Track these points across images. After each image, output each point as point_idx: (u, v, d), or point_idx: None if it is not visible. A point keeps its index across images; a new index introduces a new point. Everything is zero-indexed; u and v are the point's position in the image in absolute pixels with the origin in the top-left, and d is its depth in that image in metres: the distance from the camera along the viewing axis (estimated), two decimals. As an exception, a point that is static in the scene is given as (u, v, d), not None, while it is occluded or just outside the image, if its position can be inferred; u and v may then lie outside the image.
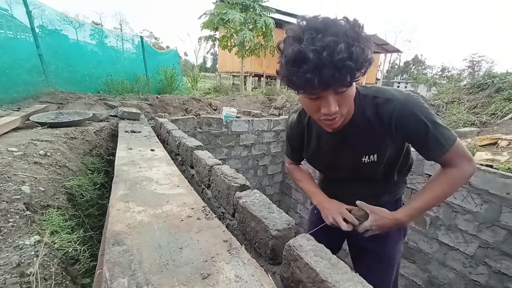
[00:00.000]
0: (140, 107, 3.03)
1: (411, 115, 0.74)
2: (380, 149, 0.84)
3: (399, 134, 0.78)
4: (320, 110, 0.69)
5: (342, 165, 0.94)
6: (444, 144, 0.74)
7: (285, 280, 0.65)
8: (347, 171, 0.95)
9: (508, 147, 2.49)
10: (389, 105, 0.76)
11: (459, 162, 0.77)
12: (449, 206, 2.01)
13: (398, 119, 0.75)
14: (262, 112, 4.21)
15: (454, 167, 0.78)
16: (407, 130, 0.76)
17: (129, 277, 0.49)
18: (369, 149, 0.85)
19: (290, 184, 3.80)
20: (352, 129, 0.84)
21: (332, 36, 0.56)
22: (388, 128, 0.78)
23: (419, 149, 0.80)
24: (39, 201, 0.93)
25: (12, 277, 0.58)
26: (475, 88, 4.40)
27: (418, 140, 0.77)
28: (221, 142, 3.10)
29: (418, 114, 0.74)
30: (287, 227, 0.75)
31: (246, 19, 7.42)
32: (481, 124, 3.45)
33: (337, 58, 0.56)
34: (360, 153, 0.87)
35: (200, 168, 1.39)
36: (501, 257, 1.77)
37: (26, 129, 1.71)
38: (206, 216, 0.75)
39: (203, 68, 28.82)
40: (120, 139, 1.60)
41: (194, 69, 8.13)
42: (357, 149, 0.87)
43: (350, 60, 0.57)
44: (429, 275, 2.20)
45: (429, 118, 0.74)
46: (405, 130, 0.77)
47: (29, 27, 3.26)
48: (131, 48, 5.48)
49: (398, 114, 0.75)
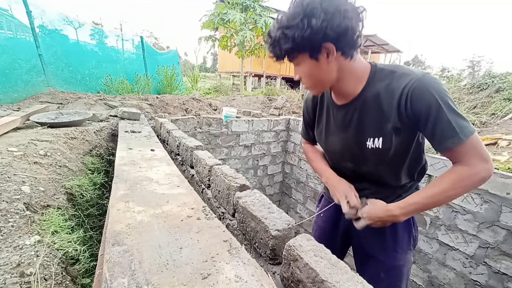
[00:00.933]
0: (140, 107, 3.03)
1: (425, 92, 0.67)
2: (385, 130, 0.77)
3: (409, 113, 0.71)
4: None
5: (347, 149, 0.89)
6: (459, 133, 0.65)
7: (285, 280, 0.65)
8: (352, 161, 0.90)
9: (508, 147, 2.49)
10: (404, 78, 0.71)
11: (473, 161, 0.67)
12: (449, 206, 2.01)
13: (411, 93, 0.69)
14: (262, 112, 4.21)
15: (465, 165, 0.68)
16: (418, 107, 0.68)
17: (129, 277, 0.49)
18: (374, 129, 0.79)
19: (290, 184, 3.81)
20: (359, 104, 0.80)
21: (285, 13, 0.69)
22: (397, 104, 0.72)
23: (430, 136, 0.71)
24: (39, 201, 0.93)
25: (12, 277, 0.58)
26: (475, 88, 4.40)
27: (428, 122, 0.68)
28: (221, 142, 3.10)
29: (433, 92, 0.66)
30: (287, 227, 0.75)
31: (246, 19, 7.42)
32: (481, 124, 3.45)
33: (276, 32, 0.70)
34: (364, 134, 0.82)
35: (200, 168, 1.39)
36: (501, 257, 1.77)
37: (26, 129, 1.71)
38: (206, 216, 0.75)
39: (203, 68, 28.84)
40: (120, 139, 1.60)
41: (194, 69, 8.14)
42: (362, 128, 0.82)
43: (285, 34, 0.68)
44: (429, 275, 2.20)
45: (445, 100, 0.66)
46: (415, 107, 0.69)
47: (29, 27, 3.26)
48: (131, 48, 5.50)
49: (411, 89, 0.69)
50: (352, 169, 0.92)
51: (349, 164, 0.92)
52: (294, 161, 3.65)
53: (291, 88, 8.31)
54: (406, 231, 0.95)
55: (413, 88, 0.68)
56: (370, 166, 0.87)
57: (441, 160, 1.96)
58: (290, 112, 4.65)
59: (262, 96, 5.53)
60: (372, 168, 0.88)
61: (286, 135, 3.70)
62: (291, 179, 3.76)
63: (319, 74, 0.75)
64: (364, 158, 0.86)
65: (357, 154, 0.87)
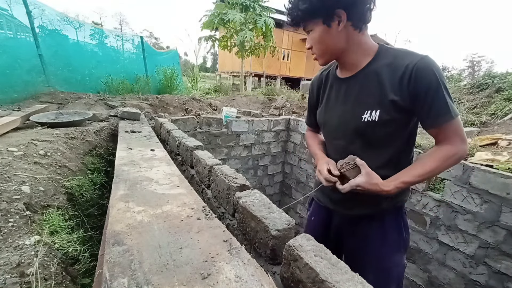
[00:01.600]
0: (140, 107, 3.03)
1: (428, 70, 0.73)
2: (384, 102, 0.80)
3: (411, 88, 0.75)
4: None
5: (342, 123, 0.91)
6: (451, 110, 0.74)
7: (285, 280, 0.64)
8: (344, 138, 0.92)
9: (508, 147, 2.49)
10: (408, 57, 0.77)
11: (456, 140, 0.77)
12: (449, 206, 2.01)
13: (415, 70, 0.74)
14: (262, 112, 4.21)
15: (449, 144, 0.77)
16: (420, 83, 0.74)
17: (129, 277, 0.49)
18: (373, 102, 0.82)
19: (290, 184, 3.81)
20: (362, 77, 0.85)
21: None
22: (400, 78, 0.76)
23: (426, 111, 0.76)
24: (39, 201, 0.93)
25: (12, 277, 0.58)
26: (475, 88, 4.40)
27: (427, 97, 0.74)
28: (221, 142, 3.10)
29: (434, 71, 0.73)
30: (287, 227, 0.74)
31: (246, 19, 7.43)
32: (481, 124, 3.45)
33: None
34: (362, 105, 0.84)
35: (200, 168, 1.39)
36: (501, 257, 1.77)
37: (26, 129, 1.71)
38: (206, 216, 0.75)
39: (203, 68, 28.83)
40: (120, 139, 1.60)
41: (194, 69, 8.13)
42: (361, 99, 0.85)
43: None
44: (429, 275, 2.20)
45: (443, 80, 0.74)
46: (418, 82, 0.74)
47: (29, 27, 3.26)
48: (131, 48, 5.49)
49: (415, 65, 0.74)
50: (343, 147, 0.93)
51: (341, 142, 0.94)
52: (294, 161, 3.65)
53: (291, 88, 8.31)
54: (396, 231, 0.95)
55: (417, 66, 0.74)
56: (357, 145, 0.89)
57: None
58: (290, 112, 4.65)
59: (262, 96, 5.53)
60: (358, 149, 0.89)
61: (286, 135, 3.70)
62: (291, 179, 3.76)
63: (329, 40, 0.82)
64: (356, 133, 0.88)
65: (350, 128, 0.89)
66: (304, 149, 3.39)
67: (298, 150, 3.55)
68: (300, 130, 3.44)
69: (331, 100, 0.97)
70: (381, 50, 0.84)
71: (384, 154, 0.87)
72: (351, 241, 1.02)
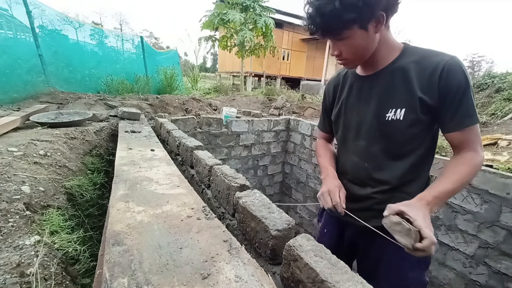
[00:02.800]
0: (140, 107, 3.03)
1: (459, 69, 0.72)
2: (411, 100, 0.77)
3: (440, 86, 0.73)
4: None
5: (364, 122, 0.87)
6: (475, 114, 0.72)
7: (285, 280, 0.64)
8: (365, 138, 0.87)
9: (508, 147, 2.49)
10: (438, 55, 0.75)
11: (478, 148, 0.74)
12: (449, 206, 2.01)
13: (446, 69, 0.72)
14: (262, 112, 4.21)
15: (471, 150, 0.74)
16: (451, 80, 0.72)
17: (129, 277, 0.49)
18: (399, 99, 0.79)
19: (290, 184, 3.80)
20: (387, 74, 0.81)
21: None
22: (429, 75, 0.74)
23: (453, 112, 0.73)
24: (39, 201, 0.93)
25: (12, 277, 0.58)
26: (475, 88, 4.41)
27: (456, 97, 0.72)
28: (221, 142, 3.10)
29: (465, 72, 0.72)
30: (287, 227, 0.75)
31: (246, 19, 7.43)
32: (481, 124, 3.45)
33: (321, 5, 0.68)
34: (387, 104, 0.81)
35: (200, 168, 1.39)
36: (501, 257, 1.77)
37: (26, 129, 1.71)
38: (206, 216, 0.75)
39: (203, 68, 28.82)
40: (120, 139, 1.60)
41: (194, 69, 8.14)
42: (386, 97, 0.81)
43: (333, 6, 0.66)
44: (429, 275, 2.20)
45: (470, 83, 0.73)
46: (449, 81, 0.72)
47: (29, 27, 3.26)
48: (131, 48, 5.49)
49: (447, 65, 0.72)
50: (364, 149, 0.89)
51: (362, 143, 0.90)
52: (294, 161, 3.65)
53: (291, 88, 8.31)
54: None
55: (449, 65, 0.72)
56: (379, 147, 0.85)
57: (441, 160, 1.96)
58: (290, 112, 4.66)
59: (262, 96, 5.53)
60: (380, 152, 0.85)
61: (286, 135, 3.70)
62: (291, 179, 3.76)
63: (366, 44, 0.77)
64: (379, 133, 0.84)
65: (373, 128, 0.85)
66: (304, 149, 3.39)
67: (298, 150, 3.55)
68: (300, 130, 3.43)
69: (351, 99, 0.92)
70: (407, 48, 0.81)
71: (405, 160, 0.82)
72: (367, 253, 0.98)
